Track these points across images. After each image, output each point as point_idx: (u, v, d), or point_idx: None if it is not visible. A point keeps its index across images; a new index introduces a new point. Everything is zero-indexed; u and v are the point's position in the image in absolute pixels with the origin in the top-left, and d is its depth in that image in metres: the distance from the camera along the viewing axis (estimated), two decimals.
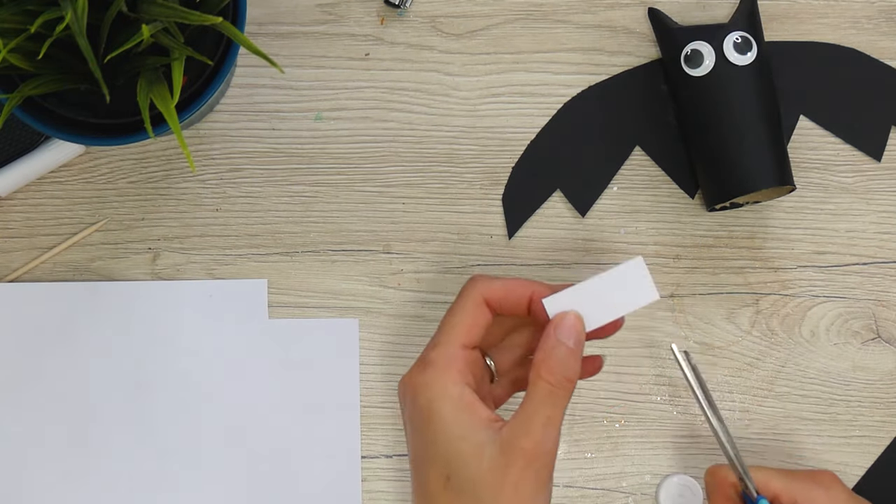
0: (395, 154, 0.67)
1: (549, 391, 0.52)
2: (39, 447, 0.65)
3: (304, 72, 0.67)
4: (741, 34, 0.63)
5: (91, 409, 0.65)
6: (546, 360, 0.53)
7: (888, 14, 0.68)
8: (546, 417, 0.52)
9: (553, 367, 0.52)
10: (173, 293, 0.65)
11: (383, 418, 0.66)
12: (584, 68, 0.67)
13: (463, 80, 0.67)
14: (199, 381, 0.65)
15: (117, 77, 0.56)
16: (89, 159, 0.66)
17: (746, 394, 0.66)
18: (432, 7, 0.67)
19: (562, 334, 0.53)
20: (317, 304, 0.66)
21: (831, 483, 0.57)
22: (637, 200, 0.67)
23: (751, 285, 0.67)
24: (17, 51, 0.50)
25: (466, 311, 0.55)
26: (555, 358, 0.53)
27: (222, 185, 0.66)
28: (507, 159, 0.67)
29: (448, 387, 0.53)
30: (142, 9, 0.51)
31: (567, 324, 0.53)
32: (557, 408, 0.52)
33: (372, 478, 0.66)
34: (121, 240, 0.66)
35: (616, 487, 0.66)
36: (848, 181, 0.67)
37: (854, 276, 0.67)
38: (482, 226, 0.67)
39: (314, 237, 0.66)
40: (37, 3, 0.50)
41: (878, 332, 0.67)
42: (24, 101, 0.56)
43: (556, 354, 0.53)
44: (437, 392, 0.53)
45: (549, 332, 0.53)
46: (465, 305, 0.55)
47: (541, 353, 0.53)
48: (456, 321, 0.55)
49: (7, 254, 0.66)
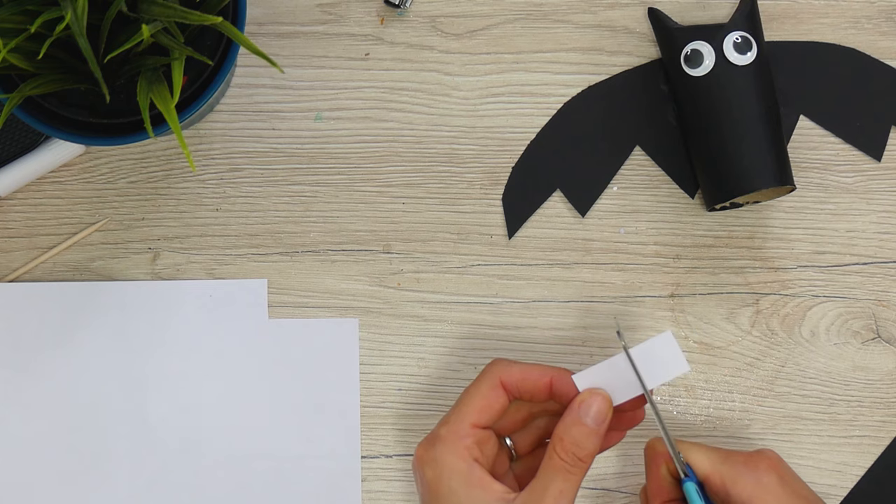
0: (395, 154, 0.67)
1: (562, 467, 0.52)
2: (39, 447, 0.65)
3: (304, 72, 0.67)
4: (741, 34, 0.63)
5: (91, 409, 0.65)
6: (563, 436, 0.53)
7: (888, 14, 0.68)
8: (558, 492, 0.52)
9: (568, 445, 0.53)
10: (173, 293, 0.65)
11: (383, 418, 0.66)
12: (583, 68, 0.67)
13: (463, 80, 0.67)
14: (199, 381, 0.65)
15: (117, 77, 0.56)
16: (89, 159, 0.66)
17: (746, 394, 0.66)
18: (432, 7, 0.67)
19: (583, 412, 0.53)
20: (317, 304, 0.66)
21: (766, 469, 0.54)
22: (637, 200, 0.67)
23: (751, 285, 0.67)
24: (17, 51, 0.50)
25: (481, 393, 0.56)
26: (571, 436, 0.53)
27: (222, 185, 0.66)
28: (507, 159, 0.67)
29: (456, 462, 0.53)
30: (142, 9, 0.51)
31: (591, 402, 0.54)
32: (570, 483, 0.52)
33: (372, 478, 0.66)
34: (121, 240, 0.66)
35: (616, 487, 0.66)
36: (848, 181, 0.67)
37: (854, 276, 0.67)
38: (482, 226, 0.67)
39: (314, 237, 0.66)
40: (37, 3, 0.50)
41: (878, 332, 0.67)
42: (24, 101, 0.56)
43: (573, 432, 0.53)
44: (446, 468, 0.53)
45: (572, 407, 0.54)
46: (481, 387, 0.56)
47: (560, 427, 0.53)
48: (469, 400, 0.56)
49: (7, 254, 0.66)
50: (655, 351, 0.55)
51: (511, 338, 0.66)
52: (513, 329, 0.66)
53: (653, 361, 0.55)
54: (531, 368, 0.56)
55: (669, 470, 0.56)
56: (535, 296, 0.66)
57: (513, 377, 0.56)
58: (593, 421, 0.53)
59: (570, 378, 0.55)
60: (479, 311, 0.66)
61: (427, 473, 0.54)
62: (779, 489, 0.54)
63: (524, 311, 0.66)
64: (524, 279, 0.67)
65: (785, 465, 0.56)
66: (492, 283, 0.66)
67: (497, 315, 0.66)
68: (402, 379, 0.66)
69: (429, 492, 0.54)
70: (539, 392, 0.56)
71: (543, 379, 0.56)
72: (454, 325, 0.66)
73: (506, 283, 0.66)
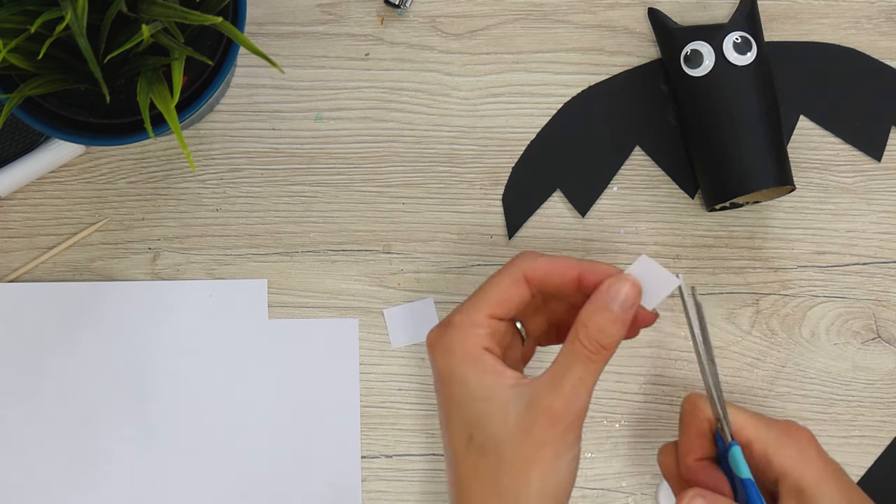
0: (395, 154, 0.67)
1: (583, 354, 0.50)
2: (40, 447, 0.65)
3: (304, 72, 0.67)
4: (741, 34, 0.63)
5: (91, 409, 0.65)
6: (587, 322, 0.51)
7: (888, 14, 0.68)
8: (577, 378, 0.50)
9: (592, 331, 0.50)
10: (173, 293, 0.65)
11: (383, 418, 0.66)
12: (583, 68, 0.67)
13: (463, 80, 0.67)
14: (199, 381, 0.65)
15: (117, 77, 0.56)
16: (89, 159, 0.66)
17: (746, 394, 0.66)
18: (432, 7, 0.67)
19: (611, 297, 0.51)
20: (317, 304, 0.66)
21: (807, 442, 0.54)
22: (637, 200, 0.67)
23: (751, 285, 0.67)
24: (17, 51, 0.50)
25: (501, 285, 0.54)
26: (595, 322, 0.51)
27: (222, 185, 0.66)
28: (507, 159, 0.67)
29: (467, 350, 0.52)
30: (142, 9, 0.51)
31: (619, 287, 0.51)
32: (590, 371, 0.50)
33: (372, 478, 0.66)
34: (121, 240, 0.66)
35: (616, 487, 0.66)
36: (848, 181, 0.67)
37: (854, 276, 0.67)
38: (482, 226, 0.67)
39: (314, 237, 0.66)
40: (37, 3, 0.50)
41: (878, 332, 0.67)
42: (24, 101, 0.56)
43: (598, 318, 0.51)
44: (458, 356, 0.52)
45: (599, 291, 0.51)
46: (503, 279, 0.54)
47: (584, 312, 0.51)
48: (488, 291, 0.54)
49: (7, 254, 0.66)
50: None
51: None
52: None
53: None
54: (557, 261, 0.54)
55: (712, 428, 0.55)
56: None
57: (537, 271, 0.54)
58: (620, 307, 0.51)
59: (600, 270, 0.53)
60: None
61: (438, 360, 0.53)
62: (819, 462, 0.53)
63: None
64: None
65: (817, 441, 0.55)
66: None
67: None
68: (402, 379, 0.66)
69: (440, 379, 0.53)
70: (566, 286, 0.54)
71: (571, 272, 0.53)
72: None
73: None
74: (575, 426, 0.50)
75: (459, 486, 0.52)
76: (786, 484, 0.53)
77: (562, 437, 0.50)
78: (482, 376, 0.51)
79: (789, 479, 0.53)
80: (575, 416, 0.50)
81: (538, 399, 0.50)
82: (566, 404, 0.50)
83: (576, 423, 0.50)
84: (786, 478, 0.53)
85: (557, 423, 0.49)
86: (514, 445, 0.50)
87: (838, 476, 0.54)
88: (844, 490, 0.53)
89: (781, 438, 0.54)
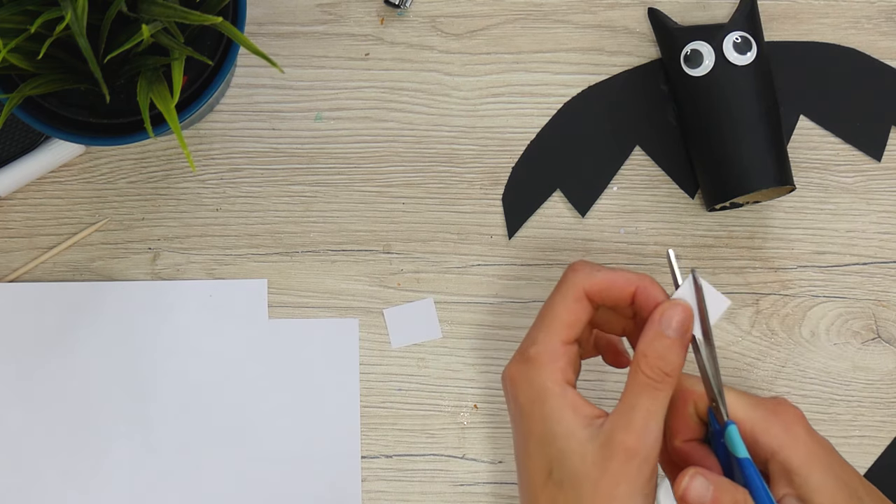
0: (395, 154, 0.67)
1: (648, 384, 0.50)
2: (39, 447, 0.65)
3: (304, 72, 0.67)
4: (741, 34, 0.63)
5: (91, 409, 0.65)
6: (647, 352, 0.51)
7: (888, 14, 0.68)
8: (646, 410, 0.50)
9: (652, 360, 0.50)
10: (173, 293, 0.65)
11: (383, 418, 0.66)
12: (583, 68, 0.67)
13: (463, 80, 0.67)
14: (199, 381, 0.65)
15: (117, 77, 0.56)
16: (89, 159, 0.66)
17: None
18: (432, 7, 0.67)
19: (665, 324, 0.51)
20: (317, 304, 0.66)
21: (795, 420, 0.53)
22: (637, 200, 0.67)
23: (751, 285, 0.67)
24: (17, 51, 0.50)
25: (567, 307, 0.53)
26: (655, 350, 0.51)
27: (222, 185, 0.66)
28: (507, 159, 0.67)
29: (549, 386, 0.52)
30: (142, 9, 0.51)
31: (672, 313, 0.51)
32: (657, 401, 0.50)
33: (372, 478, 0.66)
34: (121, 240, 0.66)
35: None
36: (848, 181, 0.67)
37: (854, 276, 0.67)
38: (482, 226, 0.67)
39: (314, 237, 0.66)
40: (37, 3, 0.50)
41: (878, 332, 0.67)
42: (24, 101, 0.56)
43: (657, 346, 0.51)
44: (538, 390, 0.52)
45: (653, 320, 0.51)
46: (566, 299, 0.53)
47: (643, 342, 0.51)
48: (557, 314, 0.53)
49: (7, 254, 0.66)
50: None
51: (511, 338, 0.66)
52: (513, 329, 0.66)
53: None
54: (616, 275, 0.53)
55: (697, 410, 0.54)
56: (535, 296, 0.66)
57: (597, 286, 0.53)
58: (676, 332, 0.51)
59: (656, 288, 0.53)
60: (479, 311, 0.66)
61: (520, 396, 0.52)
62: (808, 439, 0.53)
63: (524, 311, 0.66)
64: (524, 279, 0.67)
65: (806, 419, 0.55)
66: (492, 283, 0.66)
67: (497, 315, 0.66)
68: (402, 379, 0.66)
69: (522, 413, 0.52)
70: (622, 300, 0.53)
71: (629, 287, 0.53)
72: (454, 325, 0.66)
73: (506, 283, 0.66)
74: (650, 460, 0.50)
75: None
76: (774, 464, 0.53)
77: (638, 472, 0.50)
78: (563, 413, 0.51)
79: (777, 458, 0.53)
80: (649, 448, 0.50)
81: (612, 436, 0.50)
82: (638, 439, 0.50)
83: (651, 456, 0.50)
84: (774, 457, 0.53)
85: (632, 458, 0.49)
86: (593, 482, 0.50)
87: (827, 454, 0.53)
88: (834, 468, 0.53)
89: (768, 417, 0.53)
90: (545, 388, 0.52)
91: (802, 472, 0.52)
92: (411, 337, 0.66)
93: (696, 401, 0.54)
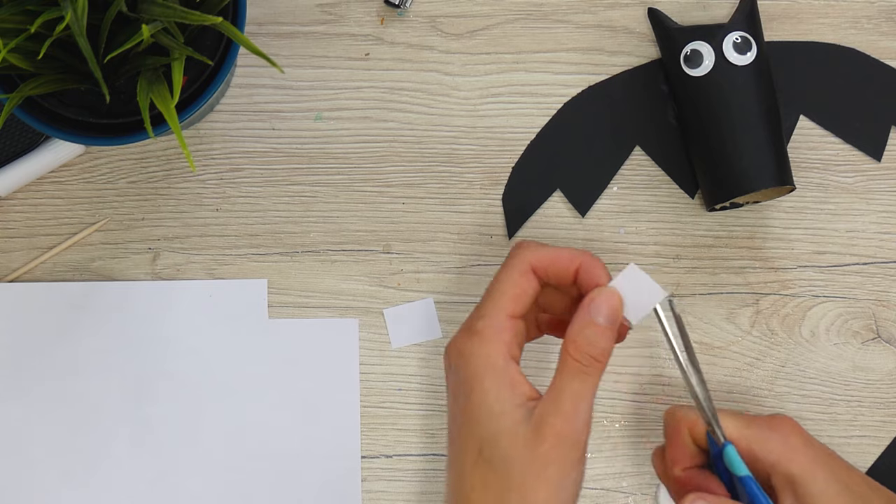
0: (395, 154, 0.67)
1: (577, 369, 0.51)
2: (39, 447, 0.65)
3: (304, 72, 0.67)
4: (741, 34, 0.63)
5: (91, 409, 0.65)
6: (576, 337, 0.51)
7: (888, 14, 0.68)
8: (575, 394, 0.50)
9: (581, 345, 0.51)
10: (173, 293, 0.65)
11: (383, 418, 0.66)
12: (583, 68, 0.67)
13: (463, 80, 0.67)
14: (199, 381, 0.65)
15: (117, 77, 0.56)
16: (89, 159, 0.66)
17: (746, 394, 0.66)
18: (432, 7, 0.67)
19: (594, 311, 0.52)
20: (317, 304, 0.66)
21: (790, 431, 0.54)
22: (637, 200, 0.67)
23: (751, 285, 0.67)
24: (17, 51, 0.50)
25: (513, 280, 0.54)
26: (584, 336, 0.51)
27: (222, 185, 0.66)
28: (507, 159, 0.67)
29: (493, 359, 0.52)
30: (142, 9, 0.51)
31: (601, 301, 0.52)
32: (587, 384, 0.51)
33: (372, 478, 0.66)
34: (121, 240, 0.66)
35: (616, 487, 0.66)
36: (848, 181, 0.67)
37: (854, 276, 0.67)
38: (482, 226, 0.67)
39: (314, 237, 0.66)
40: (37, 3, 0.50)
41: (878, 332, 0.67)
42: (24, 101, 0.56)
43: (586, 333, 0.51)
44: (482, 365, 0.52)
45: (583, 306, 0.52)
46: (512, 273, 0.54)
47: (573, 329, 0.52)
48: (502, 288, 0.54)
49: (7, 254, 0.66)
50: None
51: None
52: None
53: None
54: (561, 251, 0.54)
55: (692, 436, 0.55)
56: None
57: (543, 261, 0.54)
58: (605, 319, 0.52)
59: (597, 266, 0.53)
60: None
61: (463, 370, 0.53)
62: (806, 449, 0.54)
63: None
64: None
65: (802, 428, 0.55)
66: None
67: None
68: (402, 379, 0.66)
69: (461, 389, 0.52)
70: (566, 277, 0.54)
71: (573, 264, 0.54)
72: (454, 325, 0.66)
73: None
74: (579, 443, 0.51)
75: (462, 497, 0.52)
76: (776, 476, 0.53)
77: (566, 455, 0.50)
78: (500, 391, 0.51)
79: (778, 470, 0.53)
80: (578, 432, 0.50)
81: (543, 419, 0.50)
82: (567, 422, 0.50)
83: (580, 439, 0.51)
84: (775, 470, 0.53)
85: (561, 442, 0.50)
86: (523, 464, 0.50)
87: (828, 459, 0.53)
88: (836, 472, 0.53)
89: (764, 432, 0.54)
90: (489, 361, 0.52)
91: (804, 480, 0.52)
92: (411, 337, 0.66)
93: (691, 428, 0.55)
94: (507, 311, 0.53)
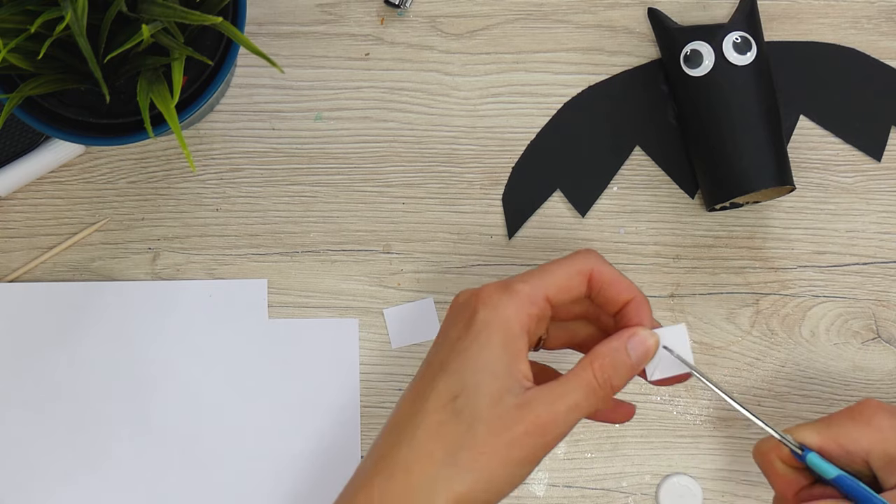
0: (395, 154, 0.67)
1: (590, 384, 0.50)
2: (39, 446, 0.65)
3: (304, 72, 0.67)
4: (741, 34, 0.63)
5: (91, 409, 0.65)
6: (603, 356, 0.51)
7: (888, 14, 0.68)
8: (574, 403, 0.50)
9: (606, 366, 0.50)
10: (173, 293, 0.65)
11: (383, 418, 0.66)
12: (583, 68, 0.67)
13: (463, 80, 0.67)
14: (199, 380, 0.65)
15: (117, 77, 0.56)
16: (89, 159, 0.66)
17: (746, 394, 0.66)
18: (432, 7, 0.67)
19: (632, 344, 0.51)
20: (317, 304, 0.66)
21: (874, 412, 0.53)
22: (637, 200, 0.67)
23: (751, 285, 0.67)
24: (17, 51, 0.50)
25: (568, 274, 0.53)
26: (612, 360, 0.51)
27: (222, 185, 0.66)
28: (507, 159, 0.67)
29: (512, 323, 0.51)
30: (142, 9, 0.51)
31: (643, 339, 0.51)
32: (589, 401, 0.50)
33: None
34: (121, 240, 0.66)
35: (616, 487, 0.66)
36: (848, 181, 0.67)
37: (854, 276, 0.67)
38: (482, 226, 0.67)
39: (314, 237, 0.66)
40: (37, 3, 0.50)
41: (878, 332, 0.67)
42: (24, 101, 0.56)
43: (615, 358, 0.51)
44: (501, 320, 0.51)
45: (621, 333, 0.51)
46: (570, 268, 0.53)
47: (605, 346, 0.51)
48: (555, 273, 0.52)
49: (7, 254, 0.66)
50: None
51: None
52: None
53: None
54: (623, 278, 0.53)
55: (783, 460, 0.54)
56: None
57: (604, 276, 0.53)
58: (636, 356, 0.51)
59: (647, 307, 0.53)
60: None
61: (480, 315, 0.51)
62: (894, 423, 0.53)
63: None
64: None
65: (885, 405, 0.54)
66: None
67: None
68: (402, 379, 0.66)
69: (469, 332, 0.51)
70: (613, 303, 0.53)
71: (628, 294, 0.53)
72: None
73: None
74: (547, 446, 0.50)
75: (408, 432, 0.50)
76: (875, 462, 0.52)
77: (532, 449, 0.49)
78: (505, 352, 0.50)
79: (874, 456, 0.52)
80: (552, 436, 0.50)
81: (532, 403, 0.49)
82: (552, 421, 0.49)
83: (550, 442, 0.50)
84: (872, 456, 0.52)
85: (536, 434, 0.49)
86: (490, 432, 0.49)
87: None
88: None
89: (845, 425, 0.53)
90: (508, 323, 0.51)
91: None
92: (411, 337, 0.66)
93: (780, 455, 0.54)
94: (547, 290, 0.52)
